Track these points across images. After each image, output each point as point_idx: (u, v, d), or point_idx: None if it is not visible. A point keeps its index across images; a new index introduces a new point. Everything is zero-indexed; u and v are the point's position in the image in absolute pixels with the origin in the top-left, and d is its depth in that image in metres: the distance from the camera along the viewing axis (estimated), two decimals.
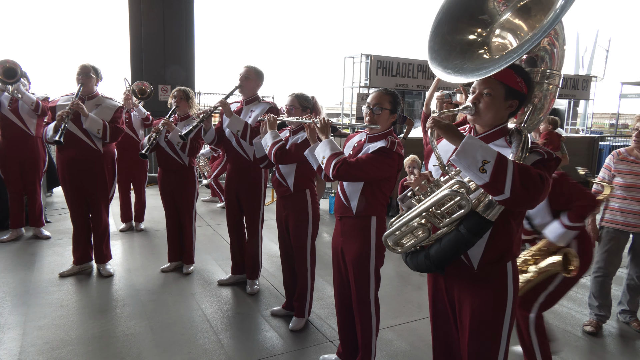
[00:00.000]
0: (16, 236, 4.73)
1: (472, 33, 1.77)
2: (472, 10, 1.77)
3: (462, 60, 1.69)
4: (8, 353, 2.63)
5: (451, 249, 1.55)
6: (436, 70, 1.70)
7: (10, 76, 4.28)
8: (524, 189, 1.40)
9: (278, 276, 3.96)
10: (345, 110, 7.29)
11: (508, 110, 1.63)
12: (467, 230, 1.51)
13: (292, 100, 3.00)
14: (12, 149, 4.58)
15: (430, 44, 1.78)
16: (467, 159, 1.44)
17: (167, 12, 8.00)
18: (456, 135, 1.53)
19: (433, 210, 1.57)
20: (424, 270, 1.67)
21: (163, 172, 3.91)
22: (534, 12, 1.67)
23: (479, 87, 1.62)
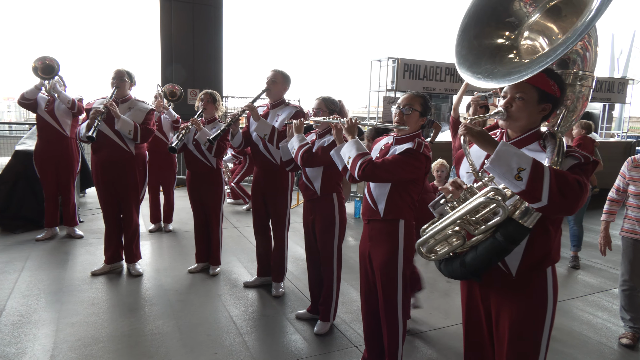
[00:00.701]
0: (51, 235, 4.89)
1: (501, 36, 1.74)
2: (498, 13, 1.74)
3: (492, 64, 1.65)
4: (42, 349, 2.72)
5: (487, 257, 1.52)
6: (465, 75, 1.67)
7: (48, 72, 4.45)
8: (562, 195, 1.36)
9: (303, 279, 3.97)
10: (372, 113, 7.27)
11: (541, 114, 1.60)
12: (503, 237, 1.48)
13: (319, 103, 3.01)
14: (48, 150, 4.74)
15: (458, 48, 1.76)
16: (501, 167, 1.40)
17: (197, 18, 8.16)
18: (489, 142, 1.49)
19: (468, 218, 1.53)
20: (459, 277, 1.63)
21: (191, 174, 3.97)
22: (565, 13, 1.62)
23: (510, 91, 1.59)
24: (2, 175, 5.34)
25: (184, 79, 8.09)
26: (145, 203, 5.57)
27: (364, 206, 2.44)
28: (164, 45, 8.14)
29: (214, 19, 8.32)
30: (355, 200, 6.49)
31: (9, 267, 4.00)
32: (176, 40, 8.12)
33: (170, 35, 8.10)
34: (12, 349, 2.70)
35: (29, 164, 5.06)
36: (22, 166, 5.24)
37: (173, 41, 8.11)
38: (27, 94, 4.52)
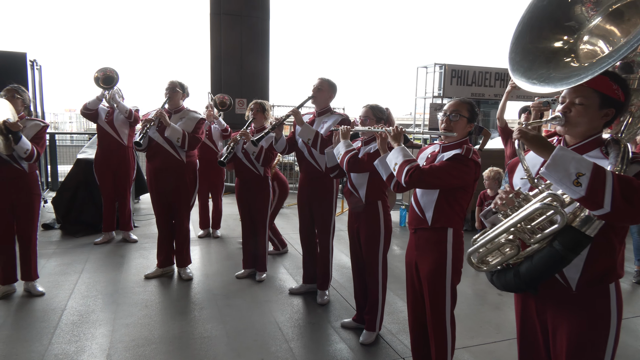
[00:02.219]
0: (108, 239, 5.15)
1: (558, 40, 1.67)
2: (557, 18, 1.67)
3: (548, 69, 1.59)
4: (99, 347, 2.85)
5: (545, 267, 1.43)
6: (520, 82, 1.61)
7: (108, 82, 4.73)
8: (627, 202, 1.27)
9: (348, 288, 3.94)
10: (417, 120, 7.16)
11: (603, 120, 1.51)
12: (562, 246, 1.39)
13: (367, 111, 2.99)
14: (107, 158, 5.01)
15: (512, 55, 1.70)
16: (558, 172, 1.33)
17: (244, 30, 8.39)
18: (545, 147, 1.43)
19: (522, 226, 1.46)
20: (513, 289, 1.56)
21: (240, 182, 4.06)
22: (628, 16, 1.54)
23: (569, 96, 1.51)
24: (65, 182, 5.70)
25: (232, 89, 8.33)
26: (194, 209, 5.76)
27: (411, 215, 2.40)
28: (213, 57, 8.43)
29: (261, 30, 8.52)
30: (400, 208, 6.39)
31: (70, 269, 4.24)
32: (225, 51, 8.38)
33: (219, 46, 8.38)
34: (72, 347, 2.85)
35: (89, 171, 5.36)
36: (83, 174, 5.56)
37: (222, 52, 8.38)
38: (89, 105, 4.82)
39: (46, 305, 3.44)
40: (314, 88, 3.48)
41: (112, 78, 4.73)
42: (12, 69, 5.65)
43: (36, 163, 3.51)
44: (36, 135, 3.46)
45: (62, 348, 2.82)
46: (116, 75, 4.74)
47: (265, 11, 8.57)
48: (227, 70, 8.42)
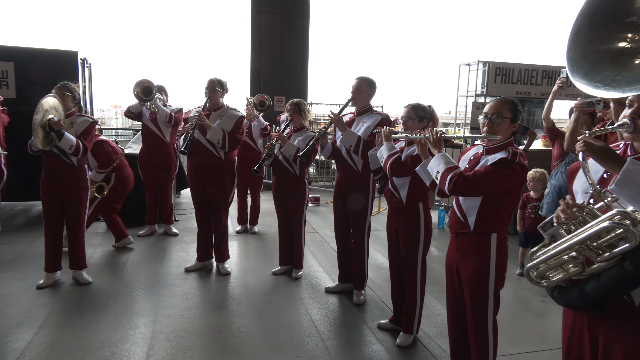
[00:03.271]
0: (150, 232, 5.32)
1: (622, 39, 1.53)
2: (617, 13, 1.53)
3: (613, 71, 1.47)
4: (142, 337, 2.95)
5: (613, 288, 1.32)
6: (580, 84, 1.50)
7: (147, 94, 4.90)
8: None
9: (384, 288, 3.90)
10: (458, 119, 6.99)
11: None
12: (634, 267, 1.27)
13: (408, 111, 2.92)
14: (150, 154, 5.17)
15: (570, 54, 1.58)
16: (630, 189, 1.23)
17: (284, 28, 8.45)
18: (614, 160, 1.33)
19: (588, 244, 1.35)
20: (577, 307, 1.46)
21: (277, 180, 4.09)
22: None
23: (638, 100, 1.41)
24: None
25: (272, 86, 8.41)
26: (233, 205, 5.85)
27: (452, 219, 2.33)
28: (253, 55, 8.54)
29: (300, 28, 8.56)
30: (439, 209, 6.27)
31: (115, 259, 4.41)
32: (265, 49, 8.47)
33: (259, 44, 8.47)
34: (116, 334, 2.96)
35: (133, 166, 5.54)
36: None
37: (262, 50, 8.47)
38: (132, 108, 5.04)
39: (92, 293, 3.59)
40: (352, 89, 3.44)
41: (150, 89, 4.90)
42: (65, 67, 5.91)
43: (85, 157, 3.67)
44: (85, 130, 3.61)
45: (107, 335, 2.93)
46: (152, 86, 4.91)
47: (306, 9, 8.59)
48: (267, 68, 8.50)
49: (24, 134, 4.78)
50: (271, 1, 8.32)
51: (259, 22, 8.41)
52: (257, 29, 8.44)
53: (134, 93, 4.87)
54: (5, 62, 5.72)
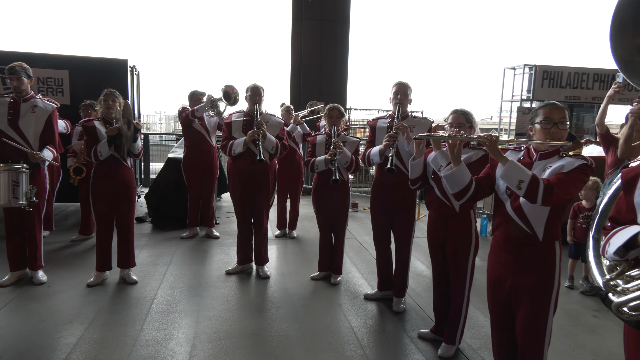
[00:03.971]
0: (192, 234, 5.45)
1: None
2: None
3: None
4: (185, 337, 3.01)
5: None
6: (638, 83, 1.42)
7: (227, 98, 5.06)
8: None
9: (425, 297, 3.82)
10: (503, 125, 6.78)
11: None
12: None
13: (459, 117, 2.80)
14: (196, 158, 5.30)
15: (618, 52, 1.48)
16: None
17: (325, 34, 8.50)
18: None
19: None
20: None
21: (321, 185, 4.07)
22: None
23: None
24: (156, 179, 6.13)
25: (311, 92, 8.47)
26: (272, 209, 5.91)
27: (510, 231, 2.16)
28: (293, 61, 8.63)
29: (340, 34, 8.59)
30: (481, 217, 6.09)
31: (160, 260, 4.55)
32: (305, 55, 8.55)
33: (300, 51, 8.56)
34: (161, 334, 3.04)
35: (178, 170, 5.72)
36: (172, 172, 5.94)
37: (302, 57, 8.56)
38: (197, 112, 5.11)
39: (139, 293, 3.71)
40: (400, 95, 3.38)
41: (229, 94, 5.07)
42: (115, 74, 6.19)
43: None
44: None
45: (152, 334, 3.02)
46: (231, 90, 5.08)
47: (346, 15, 8.62)
48: (307, 74, 8.58)
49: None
50: (312, 8, 8.40)
51: (300, 29, 8.51)
52: (297, 36, 8.54)
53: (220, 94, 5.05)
54: (61, 70, 6.05)
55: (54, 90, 6.00)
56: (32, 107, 3.70)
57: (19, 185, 3.36)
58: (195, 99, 5.29)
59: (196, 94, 5.30)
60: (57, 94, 6.01)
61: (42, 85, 5.94)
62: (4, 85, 5.88)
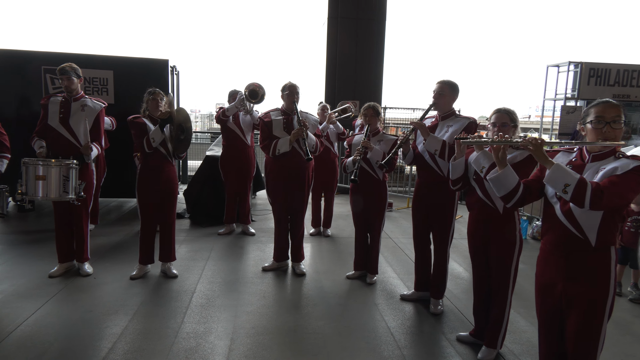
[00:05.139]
0: (229, 231, 5.55)
1: None
2: None
3: None
4: (224, 331, 3.07)
5: None
6: None
7: (254, 96, 5.13)
8: None
9: (463, 299, 3.75)
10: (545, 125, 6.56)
11: None
12: None
13: (502, 116, 2.71)
14: (232, 156, 5.40)
15: None
16: None
17: (360, 32, 8.47)
18: None
19: None
20: None
21: (358, 184, 4.06)
22: None
23: None
24: (194, 176, 6.28)
25: (346, 90, 8.46)
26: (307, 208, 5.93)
27: (561, 235, 2.08)
28: (329, 60, 8.64)
29: (376, 32, 8.53)
30: (521, 219, 5.91)
31: (198, 255, 4.65)
32: (340, 54, 8.55)
33: (335, 49, 8.56)
34: (201, 327, 3.11)
35: (215, 167, 5.83)
36: (210, 169, 6.07)
37: (338, 55, 8.55)
38: (227, 112, 5.22)
39: (179, 286, 3.82)
40: (434, 94, 3.36)
41: (256, 92, 5.12)
42: (156, 74, 6.37)
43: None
44: None
45: (193, 327, 3.10)
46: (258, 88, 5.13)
47: (382, 13, 8.56)
48: (342, 73, 8.57)
49: (122, 136, 5.22)
50: (348, 6, 8.39)
51: (335, 27, 8.51)
52: (333, 34, 8.54)
53: (244, 93, 5.13)
54: (106, 70, 6.29)
55: (99, 89, 6.24)
56: (82, 106, 3.87)
57: (69, 180, 3.51)
58: (234, 98, 5.38)
59: (235, 93, 5.39)
60: (102, 93, 6.24)
61: (89, 85, 6.19)
62: (53, 85, 6.17)
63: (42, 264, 4.13)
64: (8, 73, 6.10)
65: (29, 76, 6.11)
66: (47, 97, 3.91)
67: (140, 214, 3.97)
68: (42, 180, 3.40)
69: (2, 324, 3.03)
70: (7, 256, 4.40)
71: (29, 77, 6.11)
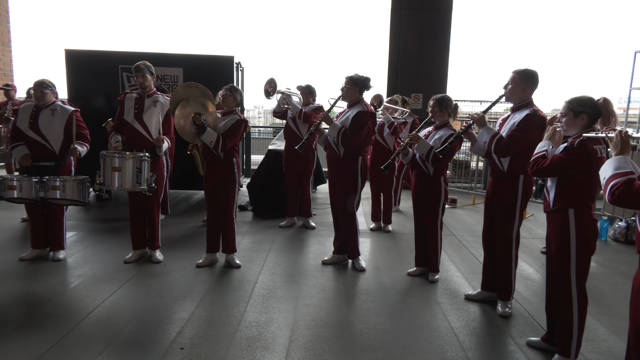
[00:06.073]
0: (290, 224, 5.63)
1: None
2: None
3: None
4: (285, 322, 3.11)
5: None
6: None
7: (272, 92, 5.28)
8: None
9: (534, 302, 3.54)
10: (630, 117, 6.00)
11: None
12: None
13: (564, 107, 2.59)
14: (292, 151, 5.45)
15: None
16: None
17: (425, 23, 8.22)
18: None
19: None
20: None
21: (415, 179, 3.97)
22: None
23: None
24: (257, 170, 6.44)
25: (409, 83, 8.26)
26: (367, 203, 5.89)
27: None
28: (391, 52, 8.47)
29: (442, 23, 8.24)
30: (601, 219, 5.47)
31: (260, 247, 4.76)
32: (403, 46, 8.35)
33: (398, 41, 8.38)
34: (263, 317, 3.17)
35: (277, 161, 5.94)
36: (272, 163, 6.19)
37: (401, 47, 8.36)
38: (275, 108, 5.47)
39: (242, 276, 3.92)
40: (505, 84, 3.18)
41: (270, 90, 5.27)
42: (223, 70, 6.59)
43: (233, 151, 3.99)
44: (231, 127, 3.94)
45: (255, 317, 3.17)
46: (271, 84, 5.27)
47: (448, 2, 8.24)
48: (405, 65, 8.38)
49: None
50: None
51: (399, 18, 8.32)
52: (396, 26, 8.35)
53: (264, 89, 5.25)
54: (176, 68, 6.59)
55: (170, 86, 6.56)
56: (154, 102, 4.07)
57: (141, 171, 3.71)
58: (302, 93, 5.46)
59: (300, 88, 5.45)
60: (172, 89, 6.55)
61: (161, 82, 6.52)
62: (129, 82, 6.57)
63: (118, 250, 4.42)
64: (89, 72, 6.58)
65: (108, 75, 6.55)
66: (124, 94, 4.15)
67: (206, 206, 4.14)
68: (117, 172, 3.62)
69: (82, 305, 3.28)
70: (88, 242, 4.76)
71: (107, 76, 6.55)
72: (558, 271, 2.62)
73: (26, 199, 3.63)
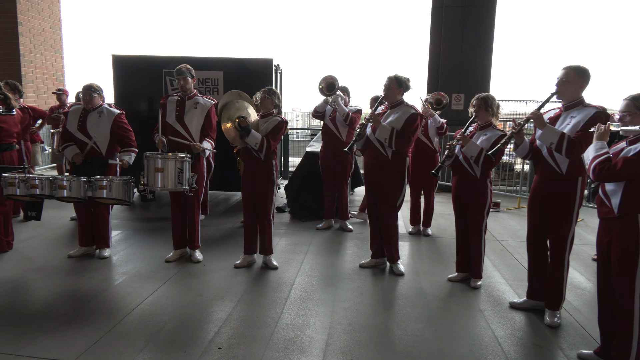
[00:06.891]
0: (327, 226, 5.60)
1: None
2: None
3: None
4: (321, 325, 3.08)
5: None
6: None
7: (331, 89, 5.16)
8: None
9: (585, 313, 3.34)
10: None
11: None
12: None
13: (627, 104, 2.44)
14: (329, 152, 5.43)
15: None
16: None
17: (467, 21, 7.99)
18: None
19: None
20: None
21: (457, 181, 3.85)
22: None
23: None
24: (295, 172, 6.44)
25: (450, 83, 8.06)
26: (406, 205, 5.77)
27: None
28: (432, 51, 8.29)
29: (485, 20, 7.99)
30: None
31: (297, 249, 4.75)
32: (445, 45, 8.15)
33: (439, 40, 8.19)
34: (299, 319, 3.15)
35: (314, 163, 5.92)
36: (310, 165, 6.18)
37: (442, 46, 8.17)
38: (318, 108, 5.38)
39: (279, 278, 3.92)
40: (558, 81, 3.02)
41: (333, 85, 5.18)
42: (262, 73, 6.66)
43: (272, 154, 3.99)
44: (273, 129, 3.95)
45: (291, 319, 3.15)
46: (336, 82, 5.19)
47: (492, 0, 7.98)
48: (446, 65, 8.17)
49: None
50: None
51: (440, 17, 8.13)
52: (437, 24, 8.17)
53: (319, 87, 5.19)
54: (216, 71, 6.71)
55: (210, 89, 6.69)
56: (195, 104, 4.15)
57: (183, 172, 3.79)
58: None
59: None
60: (213, 92, 6.68)
61: (202, 86, 6.66)
62: (172, 86, 6.75)
63: (160, 249, 4.54)
64: (134, 76, 6.81)
65: (152, 78, 6.76)
66: (166, 97, 4.26)
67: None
68: (160, 172, 3.71)
69: (126, 302, 3.37)
70: (132, 241, 4.91)
71: (151, 80, 6.76)
72: (621, 282, 2.45)
73: (75, 198, 3.78)
